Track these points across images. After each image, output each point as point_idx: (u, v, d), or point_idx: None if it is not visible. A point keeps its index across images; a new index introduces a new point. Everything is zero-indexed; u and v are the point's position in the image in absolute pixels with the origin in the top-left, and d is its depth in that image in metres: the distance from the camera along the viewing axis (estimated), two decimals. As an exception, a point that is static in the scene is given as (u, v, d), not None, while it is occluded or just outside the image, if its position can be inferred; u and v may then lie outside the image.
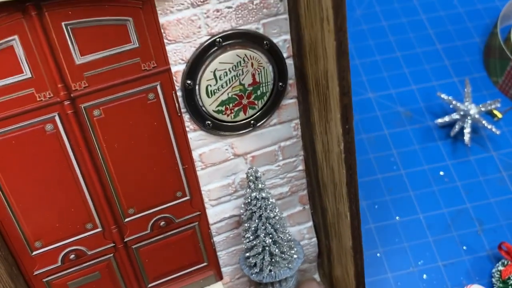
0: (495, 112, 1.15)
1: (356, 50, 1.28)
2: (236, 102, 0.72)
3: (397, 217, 1.05)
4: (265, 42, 0.70)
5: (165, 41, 0.65)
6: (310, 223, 0.87)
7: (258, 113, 0.74)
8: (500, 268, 0.95)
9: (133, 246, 0.76)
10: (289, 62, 0.73)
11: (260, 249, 0.76)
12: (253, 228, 0.76)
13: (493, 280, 0.95)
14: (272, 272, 0.77)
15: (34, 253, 0.71)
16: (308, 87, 0.72)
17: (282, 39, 0.71)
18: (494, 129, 1.09)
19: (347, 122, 0.65)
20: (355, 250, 0.75)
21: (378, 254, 1.00)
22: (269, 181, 0.81)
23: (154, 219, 0.75)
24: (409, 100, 1.20)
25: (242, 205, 0.77)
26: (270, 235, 0.76)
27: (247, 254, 0.78)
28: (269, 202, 0.75)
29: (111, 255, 0.75)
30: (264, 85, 0.72)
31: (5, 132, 0.62)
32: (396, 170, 1.11)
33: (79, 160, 0.67)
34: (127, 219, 0.74)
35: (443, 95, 1.12)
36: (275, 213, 0.76)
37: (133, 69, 0.65)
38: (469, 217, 1.05)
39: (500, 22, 1.23)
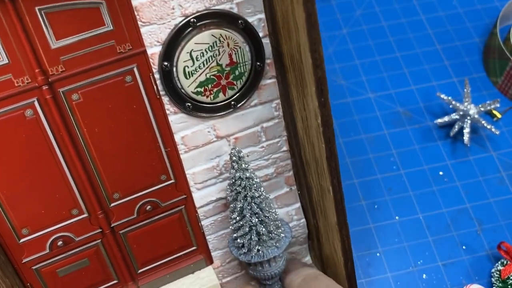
0: (495, 112, 1.16)
1: (356, 50, 1.29)
2: (214, 83, 0.73)
3: (396, 217, 1.05)
4: (240, 22, 0.70)
5: (139, 23, 0.66)
6: (298, 204, 0.88)
7: (237, 94, 0.75)
8: (500, 267, 0.96)
9: (121, 232, 0.77)
10: (266, 42, 0.74)
11: (247, 229, 0.77)
12: (239, 209, 0.76)
13: (493, 279, 0.96)
14: (260, 252, 0.78)
15: (22, 240, 0.72)
16: (285, 64, 0.72)
17: (257, 18, 0.72)
18: (493, 129, 1.09)
19: (322, 94, 0.65)
20: (340, 225, 0.76)
21: (378, 254, 1.01)
22: (254, 162, 0.82)
23: (140, 203, 0.76)
24: (409, 100, 1.21)
25: (227, 186, 0.77)
26: (256, 215, 0.76)
27: (235, 235, 0.78)
28: (254, 182, 0.76)
29: (99, 241, 0.76)
30: (241, 65, 0.73)
31: (-15, 119, 0.64)
32: (395, 170, 1.11)
33: (61, 145, 0.68)
34: (112, 204, 0.75)
35: (442, 95, 1.12)
36: (260, 193, 0.76)
37: (108, 52, 0.66)
38: (469, 217, 1.05)
39: (499, 22, 1.23)
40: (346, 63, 1.27)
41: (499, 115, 1.16)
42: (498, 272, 0.95)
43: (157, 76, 0.70)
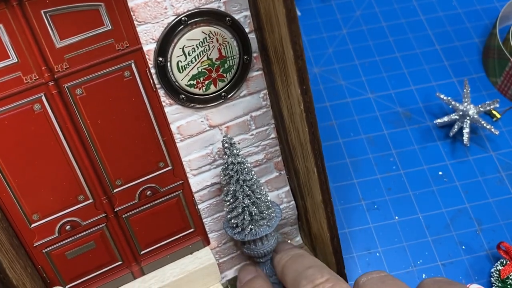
0: (494, 112, 1.18)
1: (355, 50, 1.31)
2: (206, 76, 0.79)
3: (396, 217, 1.07)
4: (227, 19, 0.77)
5: (135, 22, 0.72)
6: (287, 188, 0.94)
7: (227, 86, 0.82)
8: (499, 267, 0.97)
9: (124, 216, 0.83)
10: (252, 37, 0.80)
11: (240, 210, 0.83)
12: (232, 191, 0.82)
13: (492, 279, 0.97)
14: (253, 230, 0.84)
15: (33, 225, 0.78)
16: (270, 57, 0.79)
17: (243, 15, 0.78)
18: (493, 129, 1.10)
19: (304, 82, 0.71)
20: (325, 203, 0.82)
21: (377, 254, 1.02)
22: (245, 149, 0.88)
23: (141, 189, 0.82)
24: (408, 100, 1.22)
25: (221, 171, 0.83)
26: (248, 196, 0.82)
27: (229, 216, 0.84)
28: (245, 166, 0.82)
29: (104, 224, 0.82)
30: (230, 59, 0.80)
31: (-2, 113, 0.70)
32: (395, 170, 1.13)
33: (67, 136, 0.74)
34: (115, 190, 0.81)
35: (442, 96, 1.13)
36: (251, 176, 0.82)
37: (108, 49, 0.72)
38: (468, 217, 1.07)
39: (499, 22, 1.25)
40: (346, 63, 1.29)
41: (498, 115, 1.17)
42: (497, 272, 0.97)
43: (153, 70, 0.76)
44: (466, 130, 1.11)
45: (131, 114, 0.77)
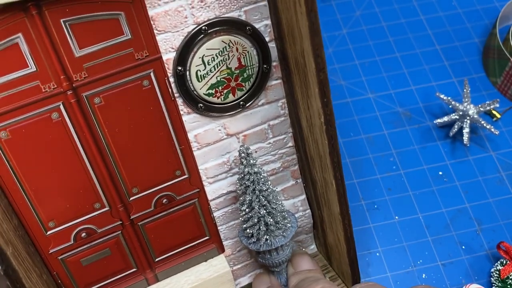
0: (494, 112, 1.17)
1: (355, 50, 1.30)
2: (225, 85, 0.78)
3: (396, 217, 1.06)
4: (247, 28, 0.76)
5: (155, 31, 0.71)
6: (303, 196, 0.93)
7: (246, 95, 0.81)
8: (499, 267, 0.97)
9: (139, 223, 0.83)
10: (272, 46, 0.79)
11: (256, 220, 0.82)
12: (248, 201, 0.82)
13: (492, 279, 0.97)
14: (268, 241, 0.83)
15: (49, 232, 0.78)
16: (290, 67, 0.78)
17: (263, 24, 0.77)
18: (493, 129, 1.09)
19: (325, 95, 0.70)
20: (343, 215, 0.81)
21: (377, 254, 1.02)
22: (262, 158, 0.87)
23: (157, 197, 0.82)
24: (408, 100, 1.22)
25: (237, 180, 0.83)
26: (264, 207, 0.82)
27: (244, 226, 0.84)
28: (261, 176, 0.81)
29: (119, 232, 0.82)
30: (249, 68, 0.79)
31: (16, 122, 0.69)
32: (395, 170, 1.12)
33: (84, 144, 0.74)
34: (132, 198, 0.80)
35: (442, 96, 1.13)
36: (267, 186, 0.82)
37: (127, 58, 0.71)
38: (468, 217, 1.06)
39: (499, 22, 1.24)
40: (346, 63, 1.28)
41: (498, 115, 1.17)
42: (497, 272, 0.97)
43: (171, 79, 0.76)
44: (466, 130, 1.11)
45: (149, 123, 0.76)
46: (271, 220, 0.83)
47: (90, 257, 0.82)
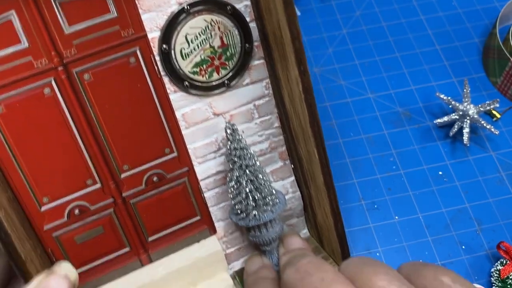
0: (494, 112, 1.18)
1: (355, 50, 1.32)
2: (209, 63, 0.82)
3: (396, 217, 1.07)
4: (228, 8, 0.80)
5: (140, 10, 0.76)
6: (292, 178, 0.96)
7: (230, 73, 0.84)
8: (499, 267, 0.98)
9: (131, 201, 0.85)
10: (253, 26, 0.83)
11: (244, 196, 0.85)
12: (235, 177, 0.84)
13: (492, 279, 0.98)
14: (257, 216, 0.85)
15: (43, 208, 0.81)
16: (270, 44, 0.82)
17: (243, 5, 0.82)
18: (493, 129, 1.11)
19: (301, 63, 0.74)
20: (327, 186, 0.84)
21: (377, 254, 1.03)
22: (249, 138, 0.90)
23: (148, 174, 0.85)
24: (408, 100, 1.23)
25: (224, 157, 0.86)
26: (252, 182, 0.84)
27: (233, 202, 0.86)
28: (247, 152, 0.84)
29: (112, 210, 0.85)
30: (232, 47, 0.83)
31: (10, 96, 0.73)
32: (395, 170, 1.13)
33: (75, 120, 0.78)
34: (123, 175, 0.83)
35: (442, 96, 1.14)
36: (254, 162, 0.84)
37: (114, 36, 0.76)
38: (468, 217, 1.07)
39: (499, 22, 1.26)
40: (346, 63, 1.30)
41: (498, 115, 1.18)
42: (497, 272, 0.97)
43: (157, 58, 0.80)
44: (466, 130, 1.11)
45: (137, 100, 0.80)
46: (259, 195, 0.85)
47: (84, 234, 0.84)
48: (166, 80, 0.82)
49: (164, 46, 0.79)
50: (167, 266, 0.89)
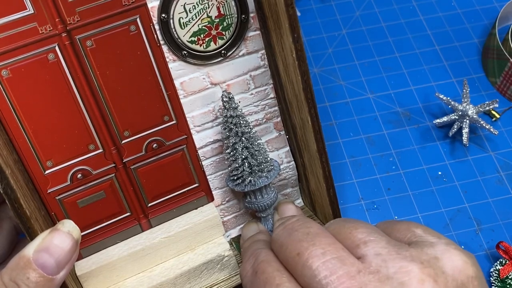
0: (493, 112, 1.19)
1: (355, 50, 1.33)
2: (206, 33, 0.86)
3: (395, 217, 1.08)
4: (225, -21, 0.84)
5: (140, -20, 0.79)
6: (287, 148, 0.99)
7: (227, 44, 0.88)
8: (498, 267, 0.98)
9: (132, 167, 0.89)
10: (248, -4, 0.87)
11: (240, 162, 0.88)
12: (231, 144, 0.88)
13: (492, 279, 0.98)
14: (252, 181, 0.89)
15: (47, 172, 0.84)
16: (265, 14, 0.85)
17: (239, -24, 0.85)
18: (492, 130, 1.11)
19: (295, 30, 0.77)
20: (320, 152, 0.87)
21: None
22: (246, 108, 0.94)
23: (147, 141, 0.88)
24: (408, 100, 1.24)
25: (221, 125, 0.89)
26: (247, 148, 0.88)
27: (230, 168, 0.90)
28: (243, 120, 0.87)
29: (113, 175, 0.88)
30: (228, 17, 0.86)
31: (16, 61, 0.77)
32: (394, 170, 1.14)
33: (78, 85, 0.81)
34: (124, 141, 0.87)
35: (441, 96, 1.15)
36: (250, 129, 0.88)
37: (115, 4, 0.79)
38: (467, 217, 1.08)
39: (498, 23, 1.27)
40: (346, 64, 1.31)
41: (497, 115, 1.19)
42: (497, 272, 0.98)
43: (157, 27, 0.83)
44: (465, 130, 1.12)
45: (137, 67, 0.83)
46: (254, 161, 0.88)
47: (86, 198, 0.88)
48: (165, 49, 0.85)
49: (163, 15, 0.82)
50: (166, 230, 0.92)
